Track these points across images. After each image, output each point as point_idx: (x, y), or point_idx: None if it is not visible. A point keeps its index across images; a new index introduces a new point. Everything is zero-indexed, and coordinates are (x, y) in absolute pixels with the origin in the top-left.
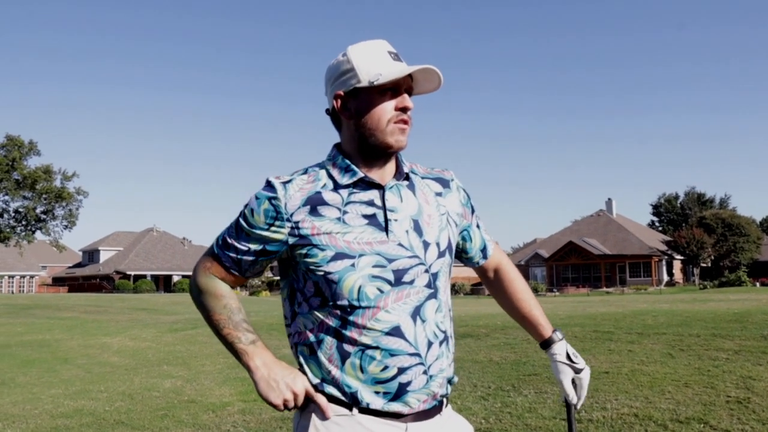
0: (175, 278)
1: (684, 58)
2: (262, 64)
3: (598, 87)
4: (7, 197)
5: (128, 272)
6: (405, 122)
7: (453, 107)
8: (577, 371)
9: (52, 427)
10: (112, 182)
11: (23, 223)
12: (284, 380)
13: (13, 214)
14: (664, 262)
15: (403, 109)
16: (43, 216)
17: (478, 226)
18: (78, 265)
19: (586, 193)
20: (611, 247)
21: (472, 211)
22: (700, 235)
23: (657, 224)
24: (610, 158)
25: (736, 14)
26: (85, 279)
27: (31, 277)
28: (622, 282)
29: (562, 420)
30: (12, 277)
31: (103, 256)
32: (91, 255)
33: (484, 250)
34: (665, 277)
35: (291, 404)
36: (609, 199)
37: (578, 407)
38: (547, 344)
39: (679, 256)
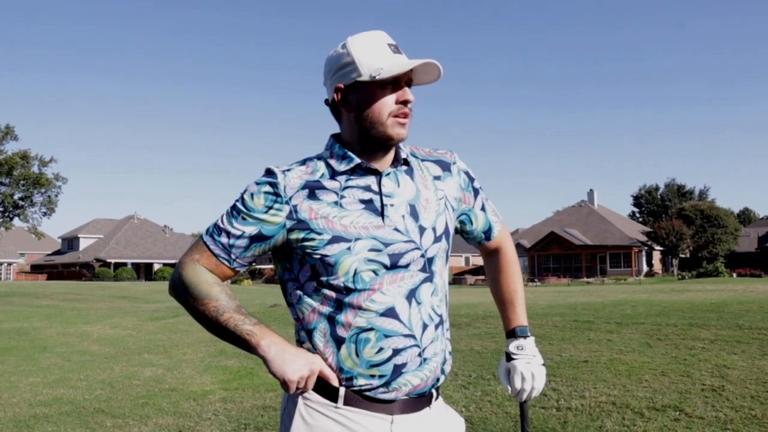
0: (156, 266)
1: (664, 52)
2: (245, 52)
3: (580, 79)
4: None
5: (108, 260)
6: (405, 115)
7: (435, 99)
8: (509, 360)
9: (30, 415)
10: (92, 169)
11: (0, 209)
12: (304, 356)
13: None
14: (644, 253)
15: (404, 102)
16: (21, 203)
17: (483, 209)
18: (57, 253)
19: (568, 183)
20: (592, 238)
21: (476, 194)
22: (680, 227)
23: (637, 215)
24: (592, 150)
25: (716, 8)
26: (65, 267)
27: (9, 264)
28: (602, 272)
29: (541, 408)
30: None
31: (83, 243)
32: (70, 242)
33: (488, 231)
34: (645, 268)
35: (303, 383)
36: (591, 189)
37: (515, 397)
38: (508, 335)
39: (658, 247)
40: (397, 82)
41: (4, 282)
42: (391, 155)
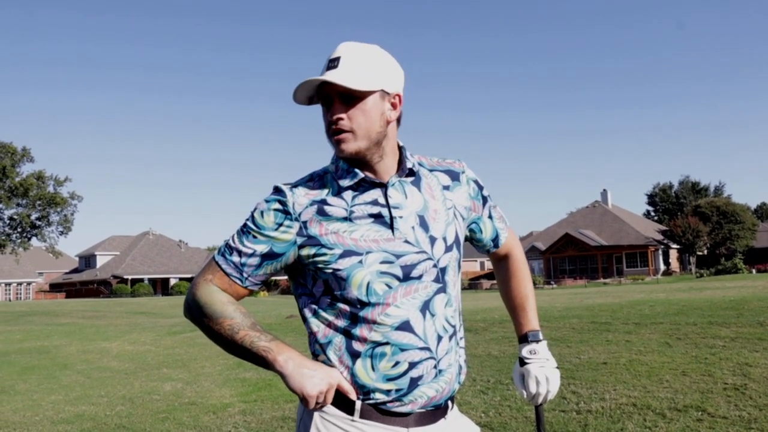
0: (173, 281)
1: (677, 48)
2: (260, 66)
3: (592, 79)
4: (0, 205)
5: (125, 276)
6: (335, 132)
7: (447, 103)
8: (522, 364)
9: None
10: (107, 187)
11: (18, 230)
12: (322, 370)
13: (7, 222)
14: (660, 252)
15: (331, 121)
16: (38, 222)
17: (490, 217)
18: (75, 271)
19: (581, 184)
20: (607, 238)
21: (484, 203)
22: (696, 224)
23: (652, 214)
24: (604, 149)
25: (730, 4)
26: (83, 284)
27: (28, 284)
28: (619, 272)
29: (561, 411)
30: (9, 284)
31: (100, 260)
32: (87, 260)
33: (495, 239)
34: (662, 267)
35: (322, 398)
36: (604, 189)
37: (530, 402)
38: (521, 340)
39: (675, 245)
40: (326, 100)
41: (24, 301)
42: (392, 163)
